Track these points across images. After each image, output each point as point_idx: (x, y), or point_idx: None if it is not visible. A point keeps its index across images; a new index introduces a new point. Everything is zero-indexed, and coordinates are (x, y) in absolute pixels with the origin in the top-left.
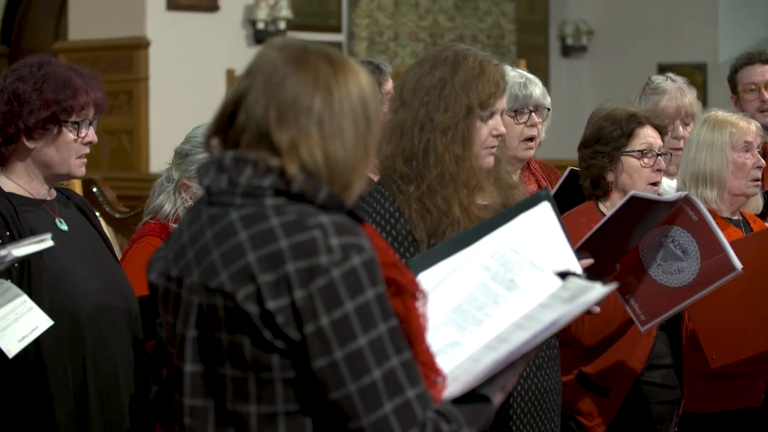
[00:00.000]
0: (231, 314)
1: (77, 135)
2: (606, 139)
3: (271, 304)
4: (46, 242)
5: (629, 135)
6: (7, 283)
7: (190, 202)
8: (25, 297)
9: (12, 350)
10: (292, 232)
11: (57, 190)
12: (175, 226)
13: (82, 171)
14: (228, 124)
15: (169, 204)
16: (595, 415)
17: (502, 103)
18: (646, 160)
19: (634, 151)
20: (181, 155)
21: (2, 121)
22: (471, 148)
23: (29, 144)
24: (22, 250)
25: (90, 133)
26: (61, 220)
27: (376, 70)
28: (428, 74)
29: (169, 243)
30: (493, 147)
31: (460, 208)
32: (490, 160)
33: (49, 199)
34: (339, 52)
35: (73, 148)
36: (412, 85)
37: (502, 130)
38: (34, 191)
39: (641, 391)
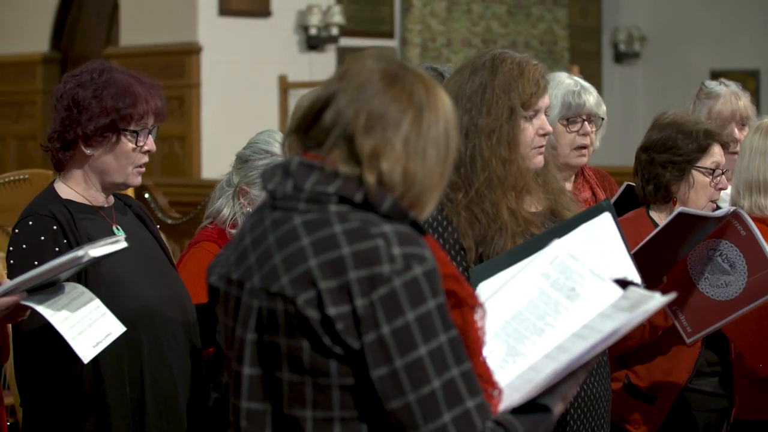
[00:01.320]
0: (290, 319)
1: (135, 144)
2: (679, 150)
3: (332, 311)
4: (120, 243)
5: (703, 150)
6: (81, 288)
7: (248, 208)
8: (98, 302)
9: (87, 356)
10: (355, 239)
11: (115, 196)
12: (232, 231)
13: (138, 180)
14: (312, 122)
15: (228, 208)
16: (642, 423)
17: (545, 102)
18: (716, 180)
19: (705, 168)
20: (241, 160)
21: (61, 127)
22: (517, 149)
23: (87, 151)
24: (99, 250)
25: (149, 142)
26: (119, 227)
27: (438, 77)
28: (468, 81)
29: (230, 246)
30: (541, 146)
31: (508, 212)
32: (540, 159)
33: (106, 206)
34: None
35: (131, 156)
36: (453, 94)
37: (548, 128)
38: (91, 198)
39: (688, 399)
